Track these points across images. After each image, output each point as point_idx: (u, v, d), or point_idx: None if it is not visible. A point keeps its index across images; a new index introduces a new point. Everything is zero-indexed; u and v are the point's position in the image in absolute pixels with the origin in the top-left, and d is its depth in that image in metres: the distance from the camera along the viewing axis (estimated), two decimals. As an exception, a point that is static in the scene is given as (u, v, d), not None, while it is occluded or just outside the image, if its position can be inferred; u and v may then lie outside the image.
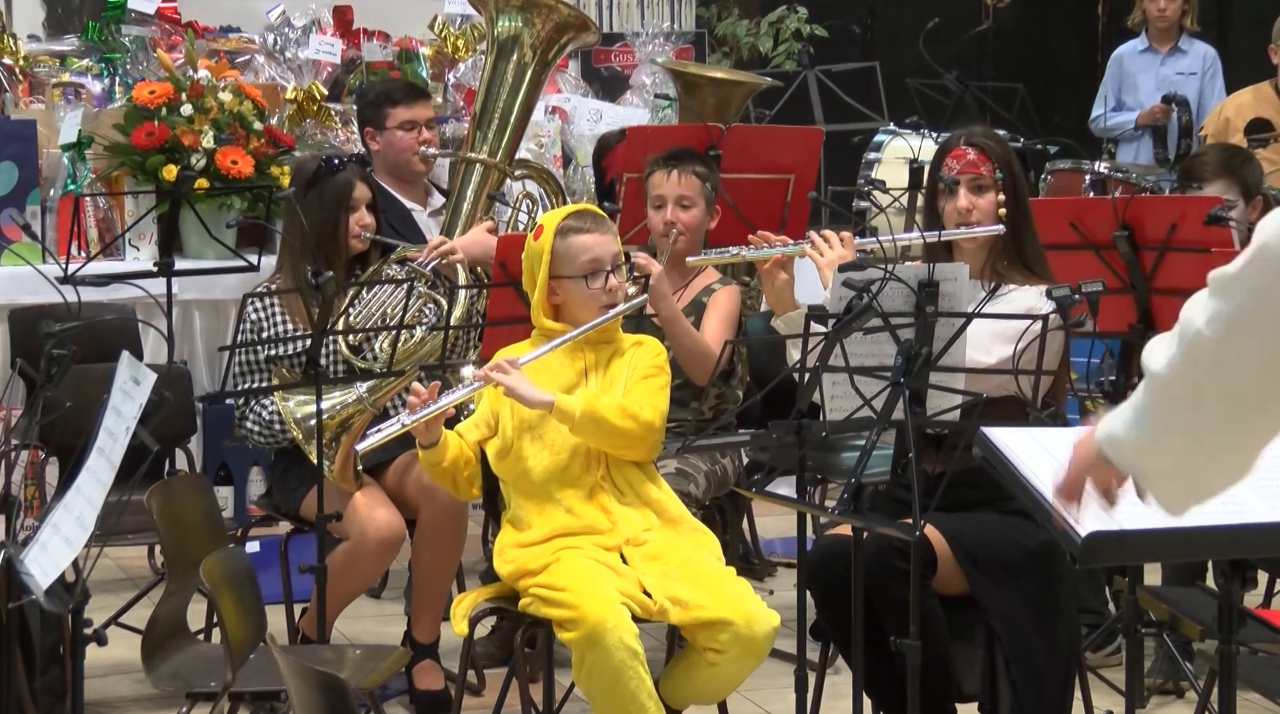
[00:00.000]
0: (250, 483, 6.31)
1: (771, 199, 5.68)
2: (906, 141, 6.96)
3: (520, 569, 4.24)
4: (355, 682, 3.93)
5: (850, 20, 8.98)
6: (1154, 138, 7.69)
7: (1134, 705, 4.00)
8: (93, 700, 4.67)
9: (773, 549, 6.16)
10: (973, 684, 4.18)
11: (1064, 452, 2.62)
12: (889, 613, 3.98)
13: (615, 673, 4.03)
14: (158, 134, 6.37)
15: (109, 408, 3.51)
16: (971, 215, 4.39)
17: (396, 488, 4.95)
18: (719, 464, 5.10)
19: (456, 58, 7.49)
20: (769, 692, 4.70)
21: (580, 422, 4.21)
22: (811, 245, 4.57)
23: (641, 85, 7.92)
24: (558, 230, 4.37)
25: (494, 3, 5.93)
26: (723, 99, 6.81)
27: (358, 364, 4.96)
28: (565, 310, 4.40)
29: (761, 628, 4.12)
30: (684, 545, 4.28)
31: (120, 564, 5.97)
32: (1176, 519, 2.75)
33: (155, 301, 5.82)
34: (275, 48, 7.37)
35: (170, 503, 4.18)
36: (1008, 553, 4.14)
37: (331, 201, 5.07)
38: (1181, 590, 4.71)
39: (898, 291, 3.98)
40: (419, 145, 5.90)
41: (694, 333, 4.97)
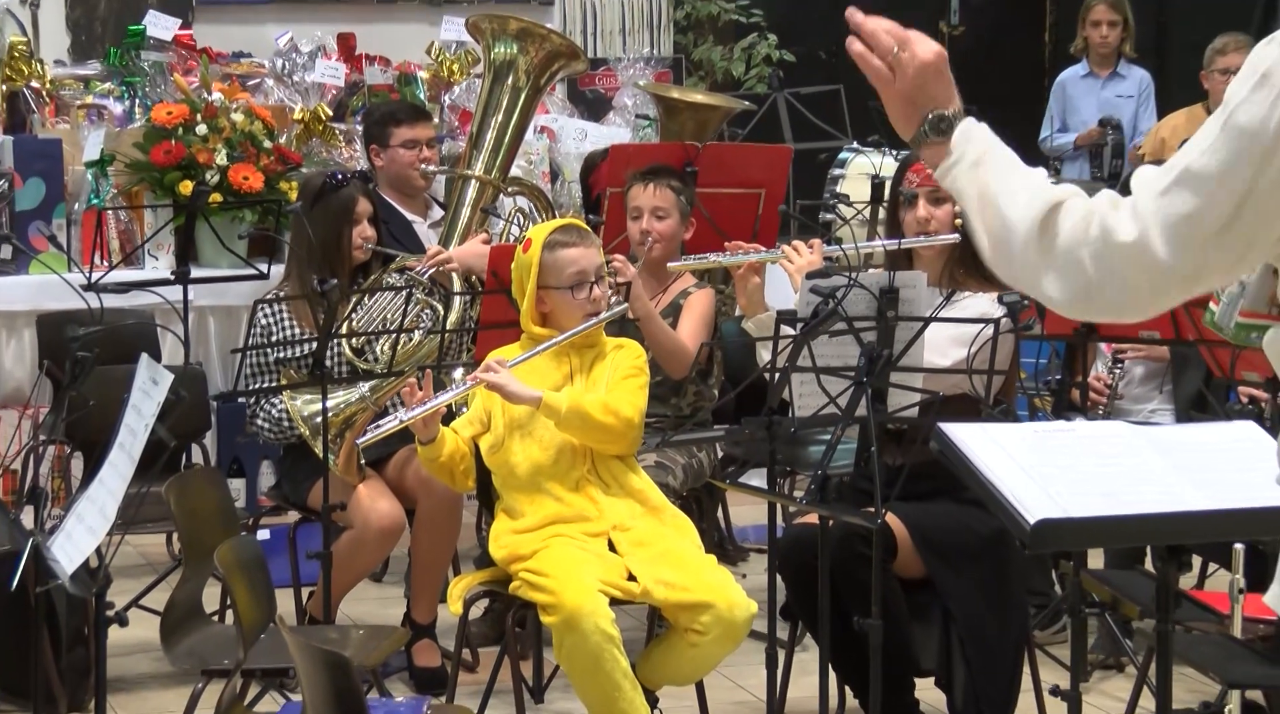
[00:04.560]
0: (261, 476, 6.30)
1: (745, 211, 5.69)
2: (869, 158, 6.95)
3: (513, 554, 4.25)
4: (358, 659, 3.93)
5: (816, 47, 8.96)
6: (1090, 158, 7.70)
7: (1078, 680, 4.00)
8: (115, 677, 4.66)
9: (745, 536, 6.17)
10: (930, 660, 4.18)
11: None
12: (853, 595, 3.98)
13: (592, 655, 4.04)
14: (175, 152, 6.37)
15: (129, 406, 3.49)
16: (930, 225, 4.40)
17: (397, 480, 4.95)
18: (695, 458, 5.11)
19: (452, 81, 7.48)
20: (742, 668, 4.70)
21: (566, 416, 4.22)
22: (782, 255, 4.58)
23: (624, 107, 7.91)
24: (545, 244, 4.38)
25: (490, 31, 5.94)
26: (699, 120, 6.81)
27: (360, 365, 4.95)
28: (552, 317, 4.42)
29: (741, 613, 4.13)
30: (667, 533, 4.29)
31: (140, 551, 5.96)
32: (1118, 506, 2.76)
33: (172, 307, 5.81)
34: (284, 72, 7.36)
35: (187, 494, 4.17)
36: (962, 540, 4.15)
37: (336, 215, 5.07)
38: (1122, 573, 4.72)
39: (861, 297, 3.99)
40: (420, 162, 5.90)
41: (668, 330, 4.99)
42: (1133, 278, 2.10)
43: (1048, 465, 2.82)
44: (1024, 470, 2.79)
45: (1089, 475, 2.82)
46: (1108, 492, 2.80)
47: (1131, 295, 2.12)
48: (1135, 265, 2.09)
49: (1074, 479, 2.80)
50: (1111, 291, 2.11)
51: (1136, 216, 2.08)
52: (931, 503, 4.15)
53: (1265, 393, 4.53)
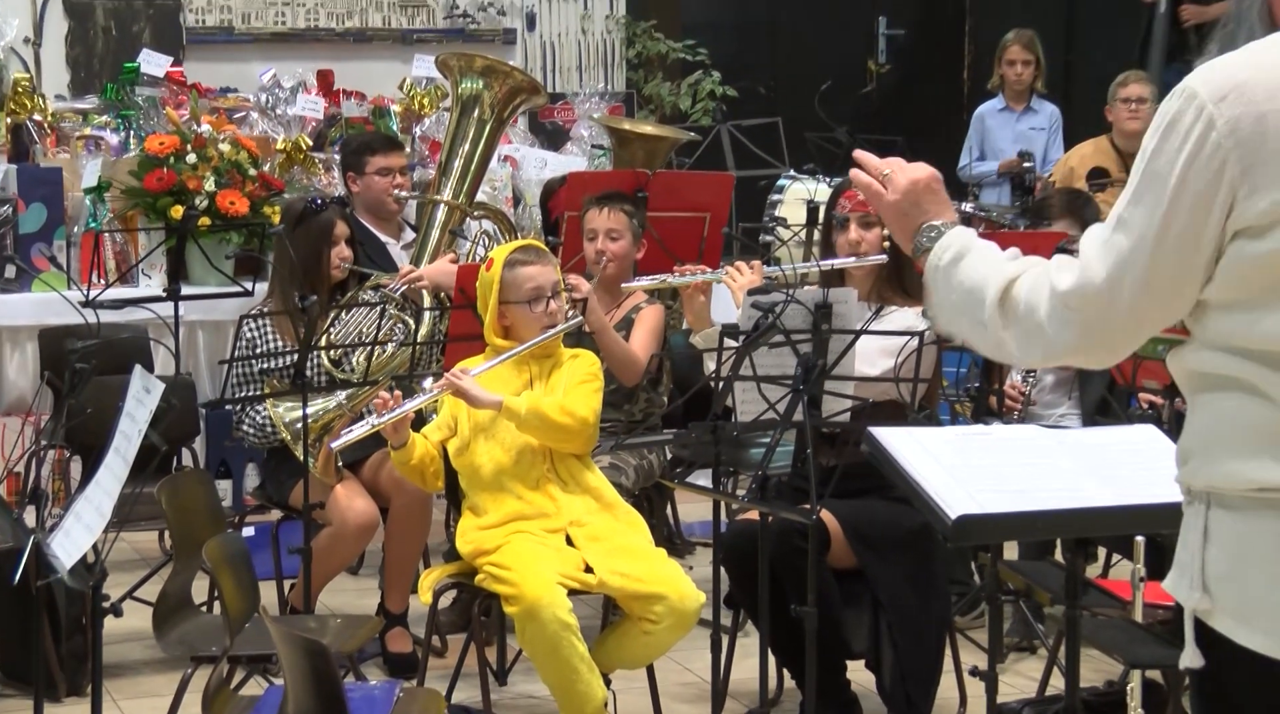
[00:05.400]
0: (246, 477, 6.26)
1: (691, 234, 5.69)
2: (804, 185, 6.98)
3: (478, 549, 4.24)
4: (336, 646, 3.91)
5: (757, 83, 8.99)
6: (1012, 185, 7.74)
7: (995, 661, 4.01)
8: (111, 664, 4.62)
9: (692, 531, 6.16)
10: (861, 644, 4.19)
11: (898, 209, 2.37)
12: (790, 585, 3.99)
13: (551, 642, 4.03)
14: (166, 179, 6.33)
15: (124, 413, 3.47)
16: (860, 247, 4.41)
17: (372, 481, 4.94)
18: (646, 459, 5.10)
19: (422, 113, 7.47)
20: (689, 653, 4.69)
21: (526, 418, 4.23)
22: (725, 274, 4.59)
23: (580, 137, 7.91)
24: (506, 263, 4.39)
25: (458, 68, 5.93)
26: (649, 149, 6.81)
27: (338, 375, 4.93)
28: (513, 330, 4.42)
29: (692, 603, 4.13)
30: (621, 528, 4.29)
31: (134, 547, 5.92)
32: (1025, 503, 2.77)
33: (164, 322, 5.80)
34: (267, 105, 7.33)
35: (177, 494, 4.14)
36: (891, 533, 4.15)
37: (315, 237, 5.06)
38: (1034, 564, 4.73)
39: (798, 312, 4.00)
40: (393, 188, 5.88)
41: (620, 341, 4.99)
42: (1080, 318, 2.11)
43: (968, 465, 2.83)
44: (946, 470, 2.80)
45: (1005, 475, 2.83)
46: (1022, 489, 2.81)
47: (1083, 336, 2.12)
48: (1081, 303, 2.10)
49: (991, 478, 2.81)
50: (1070, 339, 2.12)
51: (1085, 266, 2.11)
52: (862, 500, 4.16)
53: (1163, 399, 4.55)
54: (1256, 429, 2.06)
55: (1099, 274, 2.09)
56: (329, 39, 8.31)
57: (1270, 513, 2.05)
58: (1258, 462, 2.05)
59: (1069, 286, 2.11)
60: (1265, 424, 2.05)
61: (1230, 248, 2.06)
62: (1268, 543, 2.06)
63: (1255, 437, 2.06)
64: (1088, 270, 2.10)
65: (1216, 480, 2.09)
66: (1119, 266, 2.08)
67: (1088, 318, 2.11)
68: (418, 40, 8.33)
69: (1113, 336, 2.13)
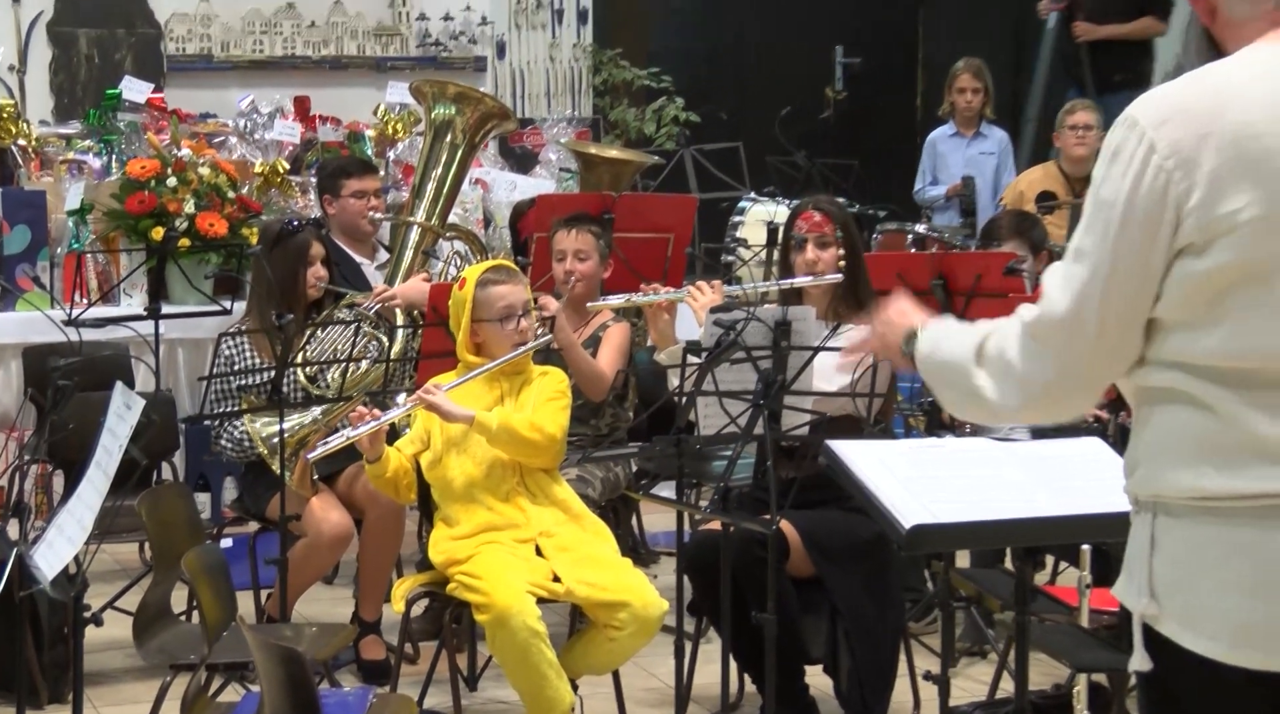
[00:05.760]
0: (224, 490, 6.24)
1: (655, 254, 5.69)
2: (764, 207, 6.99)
3: (450, 559, 4.23)
4: (311, 654, 3.88)
5: (719, 109, 9.00)
6: (961, 208, 7.77)
7: (947, 666, 4.01)
8: (92, 672, 4.59)
9: (656, 541, 6.16)
10: (819, 649, 4.19)
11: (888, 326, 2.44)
12: (751, 593, 3.98)
13: (521, 648, 4.02)
14: (147, 202, 6.31)
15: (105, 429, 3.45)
16: (817, 266, 4.42)
17: (346, 493, 4.91)
18: (612, 472, 5.10)
19: (396, 138, 7.45)
20: (653, 658, 4.68)
21: (496, 433, 4.22)
22: (688, 293, 4.59)
23: (549, 161, 7.91)
24: (478, 282, 4.38)
25: (431, 94, 5.92)
26: (615, 173, 6.81)
27: (313, 391, 4.92)
28: (485, 347, 4.41)
29: (655, 611, 4.12)
30: (588, 539, 4.28)
31: (115, 558, 5.88)
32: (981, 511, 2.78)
33: (145, 340, 5.77)
34: (246, 130, 7.31)
35: (157, 507, 4.11)
36: (847, 543, 4.16)
37: (292, 257, 5.04)
38: (985, 571, 4.74)
39: (758, 329, 4.00)
40: (368, 210, 5.87)
41: (588, 358, 4.98)
42: (1050, 348, 2.10)
43: (921, 477, 2.83)
44: (900, 482, 2.80)
45: (957, 486, 2.83)
46: (973, 500, 2.82)
47: (1055, 368, 2.11)
48: (1048, 333, 2.10)
49: (944, 489, 2.81)
50: (1042, 372, 2.11)
51: (1047, 297, 2.11)
52: (820, 511, 4.16)
53: (1108, 413, 4.56)
54: (1199, 441, 2.07)
55: (1061, 304, 2.10)
56: (305, 66, 8.28)
57: (1213, 521, 2.06)
58: (1200, 471, 2.06)
59: (1033, 317, 2.12)
60: (1207, 436, 2.06)
61: (1174, 266, 2.07)
62: (1211, 550, 2.06)
63: (1198, 448, 2.07)
64: (1050, 301, 2.11)
65: (1162, 490, 2.10)
66: (1080, 295, 2.08)
67: (1057, 349, 2.11)
68: (391, 68, 8.31)
69: (1084, 366, 2.11)
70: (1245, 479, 2.04)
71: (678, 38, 9.75)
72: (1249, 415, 2.03)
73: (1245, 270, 2.03)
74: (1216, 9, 2.17)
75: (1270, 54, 2.10)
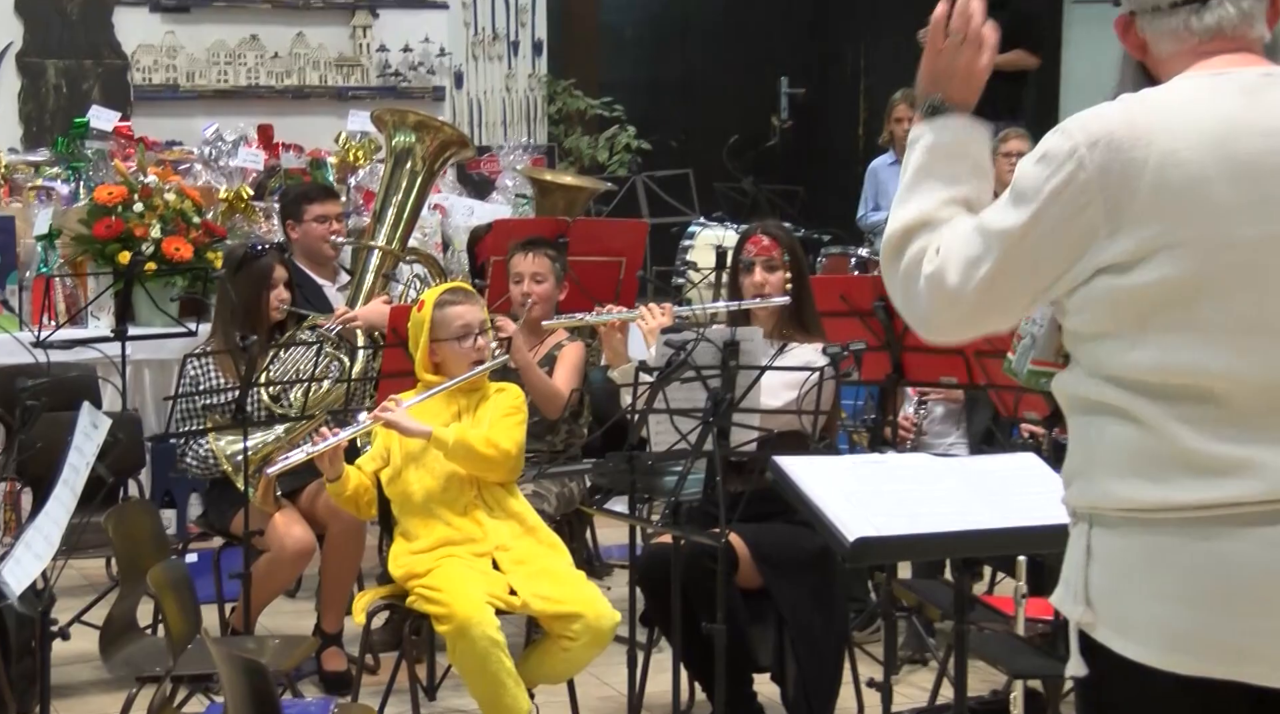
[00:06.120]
0: (190, 506, 6.18)
1: (608, 276, 5.69)
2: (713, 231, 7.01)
3: (409, 572, 4.20)
4: (274, 665, 3.85)
5: (668, 137, 9.02)
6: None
7: (890, 673, 4.02)
8: (59, 684, 4.54)
9: (610, 554, 6.14)
10: (766, 658, 4.18)
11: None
12: (701, 603, 3.98)
13: (480, 658, 4.00)
14: (114, 227, 6.26)
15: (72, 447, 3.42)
16: (765, 289, 4.43)
17: (308, 509, 4.88)
18: (567, 487, 5.08)
19: (357, 165, 7.43)
20: (607, 668, 4.67)
21: (453, 448, 4.20)
22: (640, 315, 4.59)
23: (505, 187, 7.90)
24: (436, 303, 4.37)
25: (392, 122, 5.91)
26: (569, 198, 6.82)
27: (276, 410, 4.88)
28: (443, 366, 4.39)
29: (607, 622, 4.11)
30: (543, 552, 4.27)
31: (82, 573, 5.82)
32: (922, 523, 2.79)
33: (111, 361, 5.73)
34: (211, 158, 7.27)
35: (123, 523, 4.07)
36: (794, 555, 4.16)
37: (255, 280, 5.01)
38: (926, 582, 4.75)
39: (707, 349, 4.00)
40: (330, 235, 5.84)
41: (544, 377, 4.97)
42: (933, 302, 2.15)
43: (864, 492, 2.84)
44: (845, 496, 2.81)
45: (899, 500, 2.84)
46: (914, 514, 2.83)
47: (933, 317, 2.17)
48: (936, 296, 2.14)
49: (886, 503, 2.82)
50: (918, 311, 2.17)
51: (944, 260, 2.14)
52: (767, 524, 4.16)
53: (1043, 429, 4.59)
54: (1130, 452, 2.08)
55: (951, 276, 2.12)
56: (269, 96, 8.25)
57: (1144, 531, 2.07)
58: (1132, 483, 2.07)
59: (931, 269, 2.15)
60: (1139, 448, 2.07)
61: (1095, 283, 2.08)
62: (1142, 559, 2.07)
63: (1129, 459, 2.08)
64: (945, 266, 2.13)
65: (1097, 501, 2.11)
66: (971, 267, 2.11)
67: (935, 306, 2.15)
68: (353, 97, 8.29)
69: (951, 327, 2.18)
70: (1175, 491, 2.05)
71: (629, 69, 9.78)
72: (1177, 429, 2.05)
73: (1171, 289, 2.05)
74: (1145, 46, 2.20)
75: (1195, 85, 2.12)
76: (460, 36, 8.79)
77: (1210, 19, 2.13)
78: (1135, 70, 2.22)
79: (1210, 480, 2.03)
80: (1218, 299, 2.04)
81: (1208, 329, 2.04)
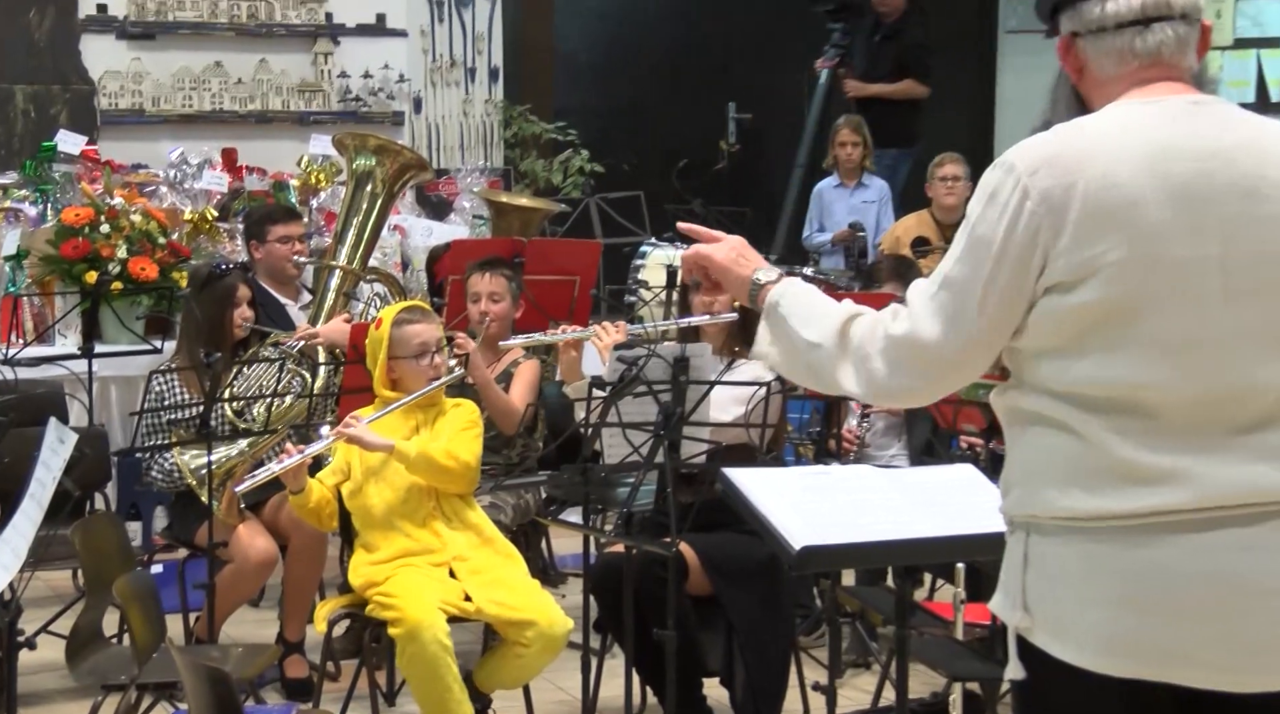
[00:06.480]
0: (155, 519, 6.12)
1: (563, 295, 5.68)
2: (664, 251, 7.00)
3: (368, 582, 4.19)
4: (237, 673, 3.82)
5: (621, 160, 9.02)
6: (845, 253, 7.83)
7: (834, 676, 4.02)
8: (26, 693, 4.48)
9: (564, 563, 6.13)
10: (716, 663, 4.18)
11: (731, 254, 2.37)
12: (652, 610, 3.97)
13: (430, 662, 3.99)
14: (81, 247, 6.21)
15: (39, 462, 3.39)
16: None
17: (272, 521, 4.85)
18: (523, 499, 5.07)
19: (319, 187, 7.40)
20: (562, 673, 4.65)
21: (415, 461, 4.19)
22: (593, 332, 4.59)
23: (463, 209, 7.88)
24: (394, 322, 4.36)
25: (353, 146, 5.89)
26: (525, 219, 6.81)
27: (240, 425, 4.85)
28: (401, 382, 4.38)
29: (560, 628, 4.10)
30: (499, 561, 4.26)
31: (49, 584, 5.75)
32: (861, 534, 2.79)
33: (78, 378, 5.67)
34: (176, 180, 7.22)
35: (90, 535, 4.03)
36: (742, 563, 4.16)
37: (219, 299, 4.98)
38: (869, 589, 4.76)
39: (658, 365, 4.00)
40: (292, 255, 5.81)
41: (502, 394, 4.96)
42: (912, 364, 2.14)
43: (809, 502, 2.84)
44: (791, 506, 2.81)
45: (842, 510, 2.85)
46: (857, 523, 2.83)
47: (914, 379, 2.15)
48: (912, 352, 2.13)
49: (830, 513, 2.83)
50: (900, 380, 2.15)
51: (912, 316, 2.14)
52: (717, 533, 4.16)
53: (981, 441, 4.61)
54: (1068, 463, 2.09)
55: (931, 331, 2.12)
56: (233, 120, 8.21)
57: (1081, 539, 2.08)
58: (1069, 493, 2.08)
59: (900, 334, 2.14)
60: (1076, 459, 2.08)
61: (1042, 301, 2.09)
62: (1079, 566, 2.08)
63: (1067, 470, 2.09)
64: (919, 325, 2.13)
65: (1035, 510, 2.12)
66: (949, 323, 2.11)
67: (920, 368, 2.14)
68: (314, 122, 8.25)
69: (944, 381, 2.17)
70: (1110, 500, 2.06)
71: (583, 95, 9.78)
72: (1113, 440, 2.06)
73: (1110, 307, 2.06)
74: (1084, 68, 2.21)
75: (1128, 112, 2.14)
76: (419, 63, 8.77)
77: (1153, 40, 2.15)
78: (1071, 97, 2.24)
79: (1143, 490, 2.04)
80: (1153, 317, 2.06)
81: (1143, 346, 2.06)
